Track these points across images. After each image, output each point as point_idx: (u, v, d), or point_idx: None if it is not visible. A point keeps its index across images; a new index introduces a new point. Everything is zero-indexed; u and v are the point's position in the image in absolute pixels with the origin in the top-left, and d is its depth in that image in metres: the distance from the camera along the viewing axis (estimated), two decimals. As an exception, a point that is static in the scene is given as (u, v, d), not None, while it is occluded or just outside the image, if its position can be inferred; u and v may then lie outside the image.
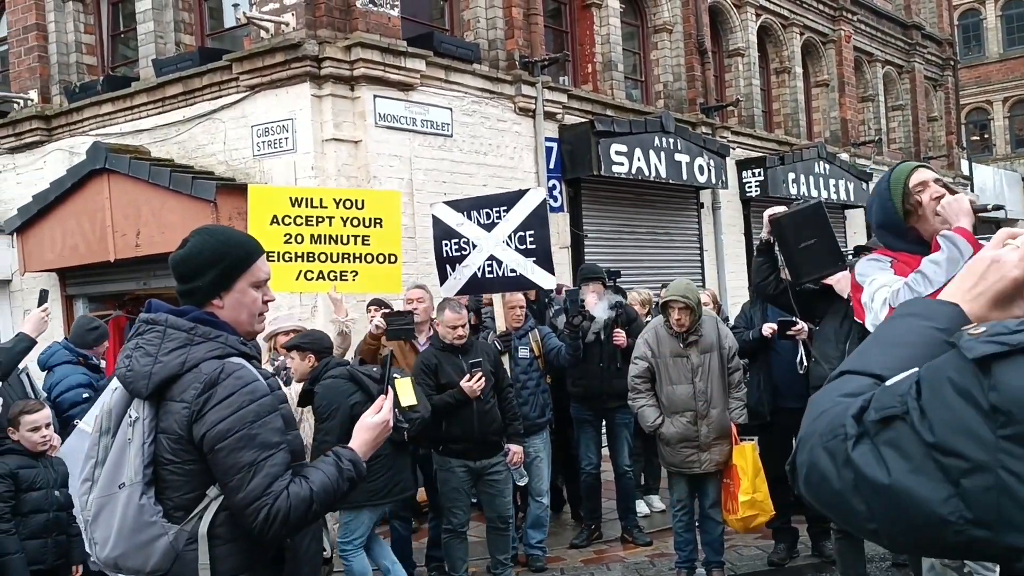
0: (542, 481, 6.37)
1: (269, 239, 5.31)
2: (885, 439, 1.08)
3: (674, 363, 5.66)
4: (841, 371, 1.27)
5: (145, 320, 2.31)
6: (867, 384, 1.20)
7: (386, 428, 2.45)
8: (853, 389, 1.20)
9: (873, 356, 1.26)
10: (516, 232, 5.90)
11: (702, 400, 5.62)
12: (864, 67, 19.46)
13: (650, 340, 5.77)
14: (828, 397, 1.22)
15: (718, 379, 5.64)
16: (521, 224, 5.89)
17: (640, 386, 5.78)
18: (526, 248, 5.89)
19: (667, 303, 5.61)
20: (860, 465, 1.09)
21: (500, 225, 5.94)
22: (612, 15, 12.44)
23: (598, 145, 11.04)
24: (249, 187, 5.73)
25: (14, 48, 11.26)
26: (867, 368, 1.23)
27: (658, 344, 5.72)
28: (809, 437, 1.17)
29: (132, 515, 2.16)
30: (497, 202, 6.12)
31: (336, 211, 5.56)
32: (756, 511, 5.61)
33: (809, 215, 4.55)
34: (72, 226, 9.87)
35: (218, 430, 2.16)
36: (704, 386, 5.62)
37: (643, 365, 5.74)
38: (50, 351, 5.97)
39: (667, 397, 5.69)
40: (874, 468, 1.07)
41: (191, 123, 9.60)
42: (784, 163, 14.78)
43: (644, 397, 5.76)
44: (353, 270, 5.57)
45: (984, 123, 34.46)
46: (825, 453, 1.14)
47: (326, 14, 8.79)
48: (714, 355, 5.64)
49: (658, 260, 12.55)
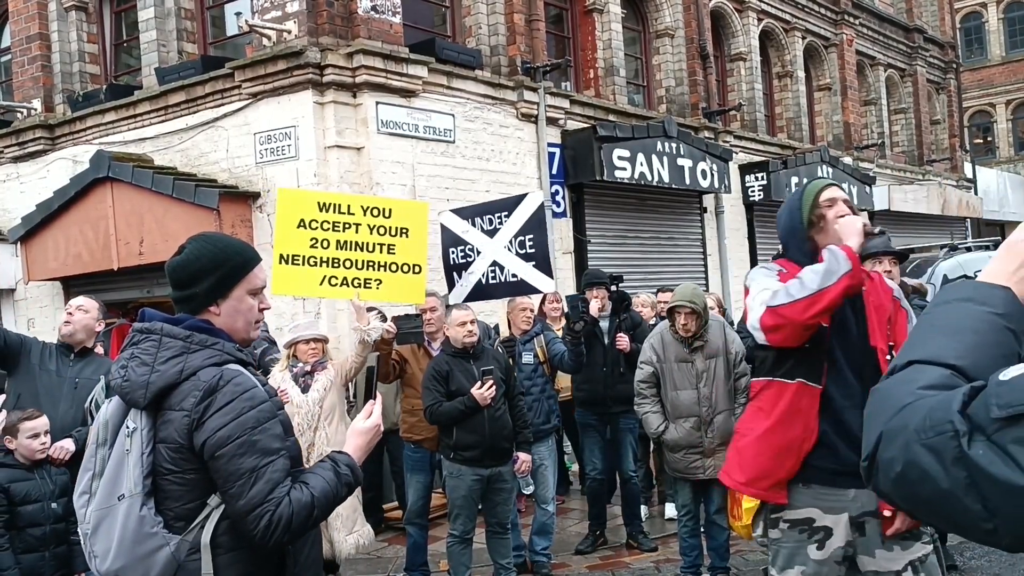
0: (547, 489, 6.35)
1: (296, 242, 5.30)
2: (1014, 437, 1.04)
3: (679, 368, 5.64)
4: (908, 360, 1.23)
5: (139, 329, 2.29)
6: (945, 375, 1.16)
7: (377, 432, 2.47)
8: (933, 381, 1.16)
9: (939, 344, 1.22)
10: (516, 237, 5.90)
11: (706, 406, 5.56)
12: (866, 71, 19.46)
13: (656, 345, 5.75)
14: (904, 388, 1.17)
15: (723, 384, 5.60)
16: (521, 228, 5.90)
17: (646, 391, 5.75)
18: (526, 252, 5.89)
19: (674, 308, 5.58)
20: (982, 464, 1.05)
21: (502, 230, 5.95)
22: (614, 20, 12.46)
23: (600, 150, 11.04)
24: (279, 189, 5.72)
25: (17, 58, 11.30)
26: (939, 357, 1.19)
27: (664, 349, 5.69)
28: (899, 432, 1.13)
29: (132, 527, 2.14)
30: (499, 208, 6.13)
31: (363, 219, 5.54)
32: None
33: None
34: (75, 235, 9.89)
35: (219, 437, 2.14)
36: (709, 391, 5.56)
37: (648, 370, 5.73)
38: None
39: (672, 402, 5.66)
40: (1001, 467, 1.03)
41: (194, 131, 9.62)
42: (787, 167, 14.78)
43: (649, 403, 5.74)
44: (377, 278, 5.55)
45: (987, 126, 34.43)
46: (926, 450, 1.09)
47: (328, 21, 8.81)
48: (720, 360, 5.59)
49: (661, 265, 12.55)
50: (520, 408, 5.80)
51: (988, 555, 5.79)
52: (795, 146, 16.22)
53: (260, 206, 9.01)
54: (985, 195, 24.14)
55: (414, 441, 6.09)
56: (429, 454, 6.10)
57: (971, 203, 21.98)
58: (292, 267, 5.29)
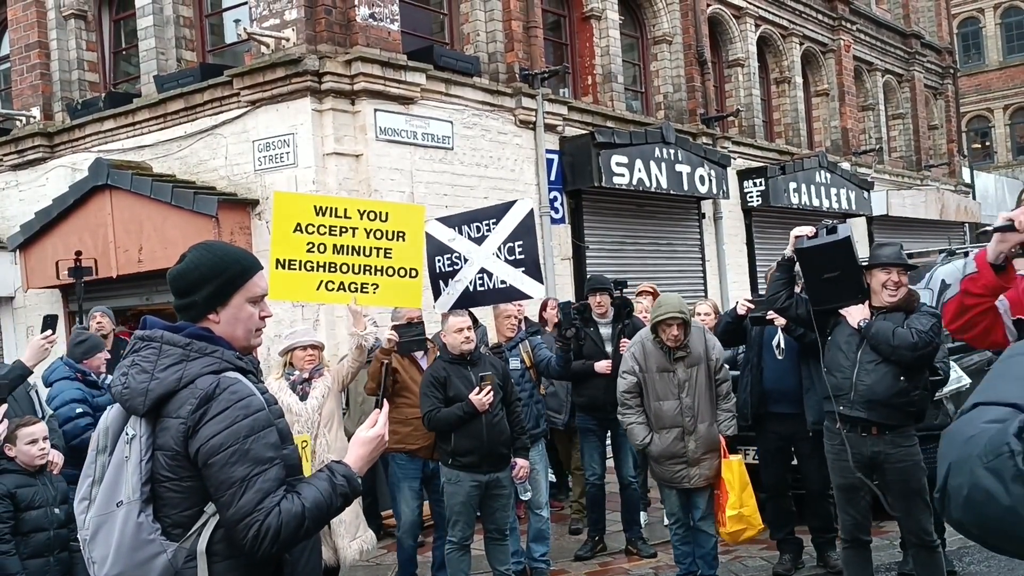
0: (540, 494, 6.33)
1: (292, 247, 5.28)
2: None
3: (660, 378, 5.54)
4: (973, 403, 1.33)
5: (140, 337, 2.30)
6: (1006, 411, 1.26)
7: (381, 442, 2.45)
8: (995, 416, 1.26)
9: (1003, 388, 1.32)
10: (506, 243, 5.90)
11: (689, 416, 5.50)
12: (864, 76, 19.50)
13: (637, 354, 5.64)
14: (971, 425, 1.27)
15: (705, 393, 5.52)
16: (511, 235, 5.89)
17: (629, 401, 5.66)
18: (516, 259, 5.88)
19: (664, 320, 5.46)
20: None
21: (490, 237, 5.94)
22: (612, 27, 12.49)
23: (599, 156, 11.06)
24: (275, 193, 5.69)
25: (16, 66, 11.32)
26: (1002, 398, 1.30)
27: (645, 358, 5.59)
28: (965, 461, 1.22)
29: (130, 533, 2.15)
30: (486, 215, 6.12)
31: (360, 222, 5.50)
32: (744, 525, 5.51)
33: (837, 248, 4.58)
34: (75, 242, 9.89)
35: (211, 444, 2.15)
36: (691, 401, 5.50)
37: (631, 380, 5.65)
38: (52, 367, 5.96)
39: (654, 413, 5.57)
40: None
41: (193, 138, 9.64)
42: (785, 173, 14.80)
43: (634, 413, 5.65)
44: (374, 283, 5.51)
45: (985, 131, 34.49)
46: (988, 473, 1.18)
47: (326, 29, 8.83)
48: (701, 368, 5.52)
49: (660, 271, 12.55)
50: (518, 414, 5.79)
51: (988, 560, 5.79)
52: (793, 152, 16.25)
53: (259, 213, 9.02)
54: (983, 200, 24.18)
55: (407, 452, 5.96)
56: (422, 464, 6.01)
57: (969, 208, 22.01)
58: (288, 272, 5.27)
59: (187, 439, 2.17)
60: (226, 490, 2.14)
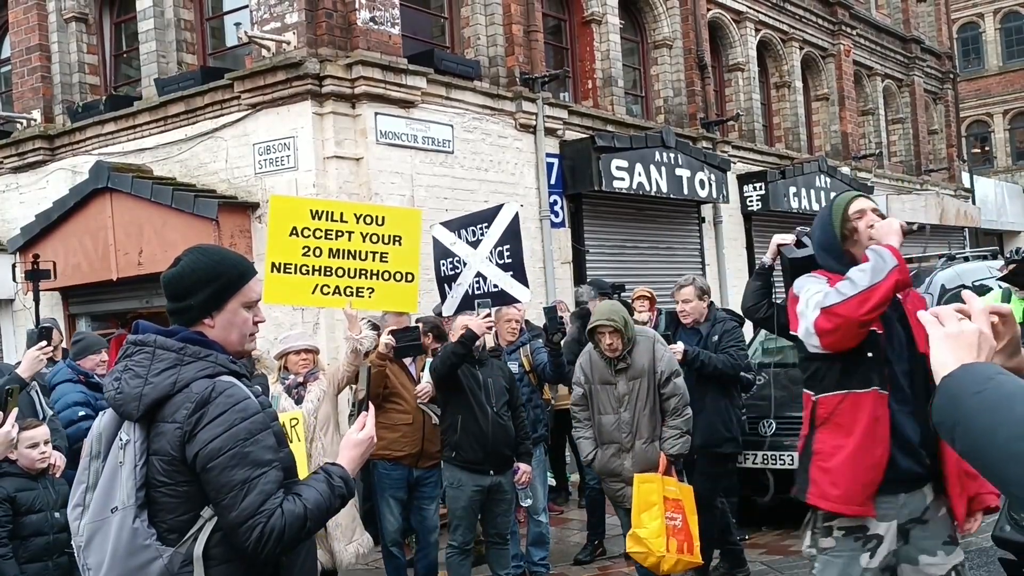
0: (538, 499, 6.32)
1: (288, 251, 5.26)
2: None
3: (603, 390, 5.23)
4: None
5: (133, 342, 2.29)
6: None
7: (371, 444, 2.45)
8: None
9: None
10: (496, 247, 5.91)
11: (627, 431, 5.14)
12: (864, 81, 19.51)
13: (584, 365, 5.35)
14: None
15: (646, 408, 5.14)
16: (499, 239, 5.90)
17: (579, 414, 5.38)
18: (504, 263, 5.89)
19: (595, 328, 5.14)
20: None
21: (483, 241, 5.95)
22: (612, 31, 12.50)
23: (599, 160, 11.07)
24: (271, 197, 5.69)
25: (17, 69, 11.34)
26: None
27: (591, 370, 5.29)
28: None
29: (125, 539, 2.14)
30: (480, 219, 6.13)
31: (356, 226, 5.48)
32: (641, 548, 5.00)
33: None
34: (75, 245, 9.90)
35: (210, 448, 2.14)
36: (630, 416, 5.14)
37: (579, 392, 5.36)
38: (55, 370, 5.96)
39: (597, 427, 5.27)
40: None
41: (193, 142, 9.64)
42: (785, 177, 14.82)
43: (583, 427, 5.37)
44: (370, 287, 5.50)
45: (985, 135, 34.49)
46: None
47: (327, 32, 8.84)
48: (643, 381, 5.14)
49: (660, 275, 12.53)
50: (522, 419, 5.78)
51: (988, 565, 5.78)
52: (793, 156, 16.26)
53: (259, 216, 9.02)
54: (983, 204, 24.17)
55: (391, 459, 5.80)
56: (407, 472, 5.85)
57: (969, 213, 22.01)
58: (284, 275, 5.26)
59: (184, 444, 2.17)
60: (227, 493, 2.14)
